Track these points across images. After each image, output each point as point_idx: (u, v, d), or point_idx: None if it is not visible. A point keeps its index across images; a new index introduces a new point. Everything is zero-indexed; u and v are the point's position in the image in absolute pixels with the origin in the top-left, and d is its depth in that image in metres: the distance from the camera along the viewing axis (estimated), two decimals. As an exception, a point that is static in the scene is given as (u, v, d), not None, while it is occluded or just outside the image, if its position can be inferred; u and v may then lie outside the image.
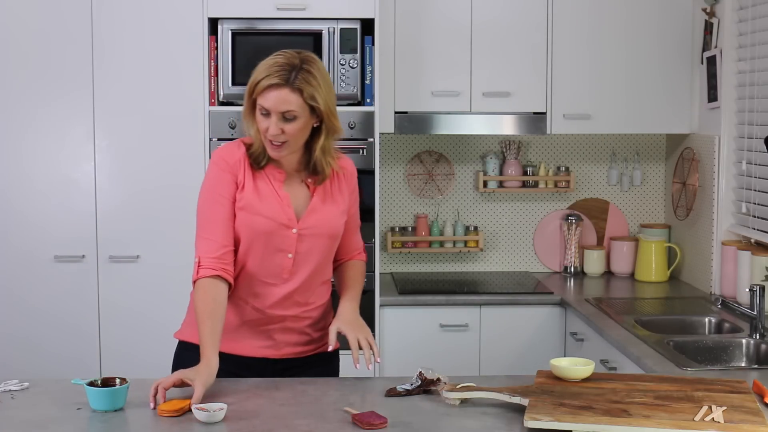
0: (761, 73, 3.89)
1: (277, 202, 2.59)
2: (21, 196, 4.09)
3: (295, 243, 2.61)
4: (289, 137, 2.53)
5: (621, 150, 4.81)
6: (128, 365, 3.83)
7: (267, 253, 2.60)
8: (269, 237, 2.59)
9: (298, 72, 2.50)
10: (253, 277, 2.62)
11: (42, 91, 4.05)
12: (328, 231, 2.65)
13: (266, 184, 2.60)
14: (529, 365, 3.91)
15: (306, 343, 2.73)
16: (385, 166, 4.73)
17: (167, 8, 4.05)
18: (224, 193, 2.58)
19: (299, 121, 2.53)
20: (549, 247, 4.81)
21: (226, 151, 2.62)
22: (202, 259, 2.55)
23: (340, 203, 2.69)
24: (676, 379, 2.51)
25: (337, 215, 2.68)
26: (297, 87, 2.49)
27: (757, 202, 3.94)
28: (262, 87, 2.50)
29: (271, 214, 2.58)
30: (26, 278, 4.10)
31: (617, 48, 4.41)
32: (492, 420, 2.28)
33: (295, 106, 2.50)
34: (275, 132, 2.51)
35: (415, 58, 4.35)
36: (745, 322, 3.47)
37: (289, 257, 2.61)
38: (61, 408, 2.37)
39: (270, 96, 2.50)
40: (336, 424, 2.26)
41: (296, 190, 2.64)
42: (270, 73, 2.50)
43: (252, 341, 2.67)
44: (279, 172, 2.62)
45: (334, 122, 2.60)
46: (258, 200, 2.58)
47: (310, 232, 2.62)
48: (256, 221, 2.58)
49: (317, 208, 2.64)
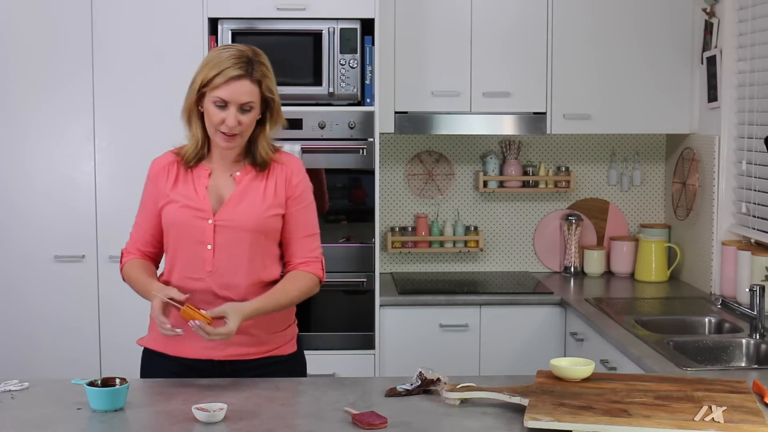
0: (761, 73, 3.89)
1: (193, 195, 2.64)
2: (21, 196, 4.09)
3: (213, 234, 2.62)
4: (243, 128, 2.60)
5: (621, 150, 4.81)
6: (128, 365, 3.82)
7: (189, 245, 2.64)
8: (186, 228, 2.63)
9: (254, 64, 2.58)
10: (183, 274, 2.65)
11: (42, 91, 4.06)
12: (247, 224, 2.63)
13: (188, 180, 2.67)
14: (529, 365, 3.90)
15: (253, 344, 2.67)
16: (385, 166, 4.73)
17: (167, 8, 4.05)
18: (147, 200, 2.74)
19: (254, 112, 2.61)
20: (549, 247, 4.81)
21: (156, 159, 2.76)
22: (124, 252, 2.77)
23: (270, 199, 2.65)
24: (676, 379, 2.51)
25: (261, 210, 2.64)
26: (256, 79, 2.58)
27: (757, 202, 3.94)
28: (224, 77, 2.55)
29: (186, 206, 2.63)
30: (26, 278, 4.10)
31: (617, 48, 4.41)
32: (492, 420, 2.28)
33: (254, 97, 2.59)
34: (233, 123, 2.56)
35: (415, 58, 4.35)
36: (745, 322, 3.47)
37: (209, 248, 2.62)
38: (61, 408, 2.38)
39: (231, 87, 2.56)
40: (336, 424, 2.26)
41: (221, 184, 2.67)
42: (229, 65, 2.56)
43: (194, 342, 2.62)
44: (204, 169, 2.67)
45: (279, 114, 2.67)
46: (177, 195, 2.66)
47: (226, 224, 2.62)
48: (173, 212, 2.65)
49: (236, 201, 2.64)
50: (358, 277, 4.13)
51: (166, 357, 2.69)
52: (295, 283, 2.68)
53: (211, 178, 2.67)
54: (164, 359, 2.69)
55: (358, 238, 4.13)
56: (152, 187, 2.72)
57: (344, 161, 4.10)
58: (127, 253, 2.76)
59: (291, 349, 2.75)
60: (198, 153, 2.67)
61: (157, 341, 2.68)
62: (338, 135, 4.09)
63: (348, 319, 4.15)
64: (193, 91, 2.62)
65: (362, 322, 4.14)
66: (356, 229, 4.16)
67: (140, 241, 2.75)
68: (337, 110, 4.10)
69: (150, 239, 2.74)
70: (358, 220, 4.17)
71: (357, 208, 4.16)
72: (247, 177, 2.66)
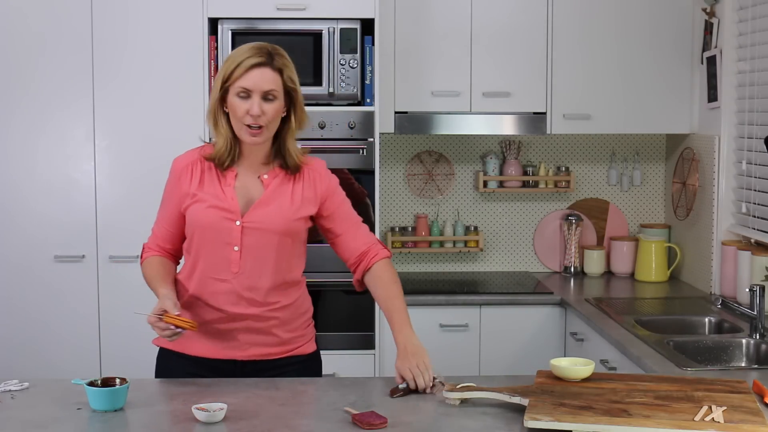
0: (761, 73, 3.89)
1: (221, 196, 2.62)
2: (21, 195, 4.09)
3: (240, 236, 2.61)
4: (268, 119, 2.58)
5: (621, 150, 4.81)
6: (128, 365, 3.83)
7: (215, 246, 2.62)
8: (213, 229, 2.61)
9: (274, 56, 2.59)
10: (206, 275, 2.64)
11: (42, 91, 4.05)
12: (275, 227, 2.62)
13: (215, 180, 2.64)
14: (529, 365, 3.90)
15: (275, 344, 2.69)
16: (385, 166, 4.73)
17: (167, 8, 4.05)
18: (168, 199, 2.71)
19: (277, 102, 2.59)
20: (549, 247, 4.81)
21: (178, 157, 2.72)
22: (145, 247, 2.75)
23: (298, 202, 2.65)
24: (676, 379, 2.51)
25: (290, 212, 2.64)
26: (277, 67, 2.59)
27: (757, 202, 3.94)
28: (245, 67, 2.55)
29: (214, 206, 2.61)
30: (26, 278, 4.10)
31: (617, 48, 4.41)
32: (492, 420, 2.28)
33: (276, 85, 2.58)
34: (257, 112, 2.55)
35: (415, 58, 4.35)
36: (745, 322, 3.47)
37: (236, 250, 2.61)
38: (61, 408, 2.37)
39: (252, 75, 2.56)
40: (336, 424, 2.26)
41: (249, 186, 2.65)
42: (249, 55, 2.57)
43: (216, 342, 2.65)
44: (231, 170, 2.65)
45: (302, 112, 2.66)
46: (204, 195, 2.63)
47: (254, 226, 2.61)
48: (200, 212, 2.62)
49: (265, 203, 2.63)
50: (358, 277, 4.12)
51: (185, 357, 2.68)
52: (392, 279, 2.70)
53: (238, 180, 2.64)
54: (183, 359, 2.68)
55: (358, 238, 4.12)
56: (175, 185, 2.68)
57: (344, 161, 4.10)
58: (148, 249, 2.74)
59: (311, 348, 2.76)
60: (231, 152, 2.63)
61: (176, 342, 2.67)
62: (338, 135, 4.09)
63: (348, 319, 4.15)
64: (215, 90, 2.60)
65: (362, 322, 4.14)
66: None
67: (161, 237, 2.73)
68: (337, 110, 4.10)
69: (170, 237, 2.72)
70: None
71: (357, 208, 4.14)
72: (275, 180, 2.65)
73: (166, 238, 2.73)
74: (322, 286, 4.04)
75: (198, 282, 2.65)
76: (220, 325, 2.65)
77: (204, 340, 2.65)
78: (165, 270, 2.69)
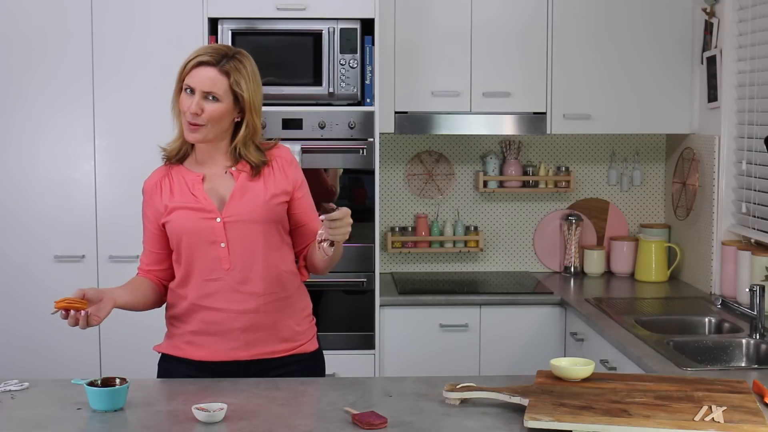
0: (761, 73, 3.89)
1: (194, 199, 2.64)
2: (21, 195, 4.09)
3: (224, 232, 2.62)
4: (207, 120, 2.59)
5: (621, 150, 4.81)
6: (128, 365, 3.83)
7: (202, 248, 2.63)
8: (196, 232, 2.62)
9: (229, 59, 2.60)
10: (200, 278, 2.64)
11: (42, 91, 4.06)
12: (256, 216, 2.63)
13: (184, 188, 2.66)
14: (529, 365, 3.91)
15: (277, 341, 2.69)
16: (385, 166, 4.73)
17: (167, 8, 4.05)
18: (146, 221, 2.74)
19: (220, 105, 2.59)
20: (549, 247, 4.81)
21: (147, 178, 2.76)
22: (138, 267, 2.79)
23: (272, 188, 2.66)
24: (676, 379, 2.51)
25: (266, 199, 2.64)
26: (225, 70, 2.59)
27: (757, 202, 3.94)
28: (192, 64, 2.59)
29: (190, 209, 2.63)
30: (26, 278, 4.10)
31: (617, 48, 4.41)
32: (492, 420, 2.28)
33: (219, 88, 2.58)
34: (195, 110, 2.57)
35: (415, 58, 4.35)
36: (745, 322, 3.47)
37: (223, 247, 2.62)
38: (61, 408, 2.38)
39: (196, 73, 2.59)
40: (336, 424, 2.26)
41: (218, 185, 2.66)
42: (202, 53, 2.61)
43: (219, 345, 2.65)
44: (197, 175, 2.67)
45: (255, 120, 2.66)
46: (178, 203, 2.65)
47: (235, 219, 2.62)
48: (179, 220, 2.64)
49: (239, 195, 2.64)
50: (358, 277, 4.13)
51: (187, 362, 2.67)
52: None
53: (206, 182, 2.66)
54: (185, 364, 2.68)
55: (358, 238, 4.12)
56: (149, 205, 2.72)
57: (344, 161, 4.10)
58: (138, 269, 2.79)
59: (313, 347, 2.77)
60: (182, 147, 2.69)
61: (178, 347, 2.68)
62: (338, 135, 4.09)
63: (348, 319, 4.15)
64: (177, 80, 2.65)
65: (362, 322, 4.14)
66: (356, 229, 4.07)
67: (145, 261, 2.76)
68: (337, 110, 4.10)
69: (155, 258, 2.74)
70: (358, 220, 4.12)
71: (357, 208, 4.16)
72: (243, 172, 2.67)
73: (151, 261, 2.75)
74: (322, 286, 4.05)
75: (194, 287, 2.65)
76: (222, 326, 2.65)
77: (206, 343, 2.65)
78: (132, 282, 2.73)
